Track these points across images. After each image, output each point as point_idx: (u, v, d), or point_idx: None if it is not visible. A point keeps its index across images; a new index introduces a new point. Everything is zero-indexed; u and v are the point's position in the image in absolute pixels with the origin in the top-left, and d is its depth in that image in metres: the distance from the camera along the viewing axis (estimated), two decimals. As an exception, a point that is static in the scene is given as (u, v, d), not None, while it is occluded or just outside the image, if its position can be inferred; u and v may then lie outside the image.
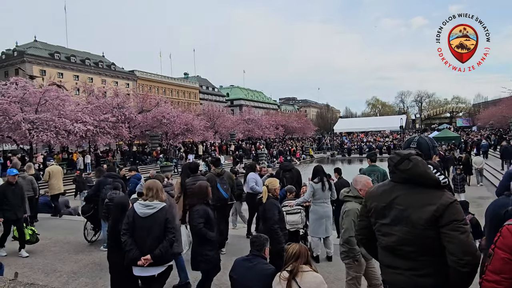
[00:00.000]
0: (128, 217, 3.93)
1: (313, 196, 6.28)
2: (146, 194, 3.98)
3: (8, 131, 21.61)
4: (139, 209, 3.88)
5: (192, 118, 33.87)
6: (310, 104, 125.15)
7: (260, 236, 3.68)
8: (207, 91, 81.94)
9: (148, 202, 3.89)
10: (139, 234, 3.85)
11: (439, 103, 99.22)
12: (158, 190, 4.02)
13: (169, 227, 3.92)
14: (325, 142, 53.49)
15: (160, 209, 3.88)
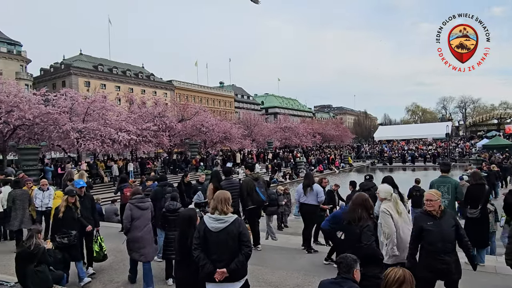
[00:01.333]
0: (199, 231, 3.74)
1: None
2: (214, 207, 3.78)
3: (58, 140, 22.49)
4: (210, 223, 3.69)
5: (230, 126, 33.98)
6: (346, 111, 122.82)
7: (347, 257, 3.30)
8: (242, 100, 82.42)
9: (218, 215, 3.70)
10: (212, 249, 3.67)
11: (485, 109, 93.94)
12: (226, 201, 3.81)
13: (244, 241, 3.71)
14: (364, 150, 51.85)
15: (233, 222, 3.68)
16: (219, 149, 35.01)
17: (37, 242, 5.22)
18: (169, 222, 6.10)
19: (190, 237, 3.92)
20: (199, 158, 30.37)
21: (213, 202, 3.83)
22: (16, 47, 47.52)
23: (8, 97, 19.73)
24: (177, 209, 6.16)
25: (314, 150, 48.51)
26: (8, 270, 6.76)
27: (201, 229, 3.72)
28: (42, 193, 8.81)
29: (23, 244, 5.30)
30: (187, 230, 4.07)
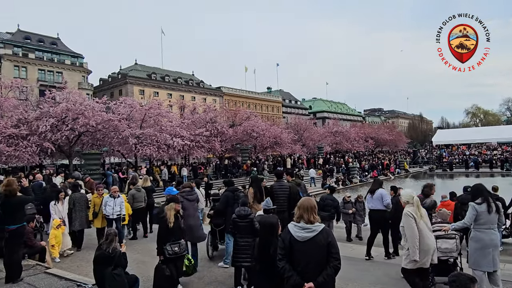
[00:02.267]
0: (284, 240, 3.51)
1: (476, 221, 5.12)
2: (300, 215, 3.51)
3: (117, 145, 23.50)
4: (296, 232, 3.46)
5: (280, 131, 33.70)
6: (398, 114, 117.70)
7: (461, 275, 3.04)
8: (290, 105, 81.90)
9: (305, 224, 3.46)
10: (297, 260, 3.44)
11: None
12: (313, 209, 3.55)
13: (333, 252, 3.42)
14: (421, 155, 49.08)
15: (321, 232, 3.43)
16: (269, 154, 34.73)
17: (114, 246, 5.29)
18: (240, 229, 5.91)
19: (273, 246, 3.75)
20: (249, 163, 30.34)
21: (298, 210, 3.57)
22: (79, 59, 50.86)
23: (74, 105, 20.93)
24: (248, 215, 5.96)
25: (367, 155, 46.74)
26: (82, 271, 6.91)
27: (286, 238, 3.49)
28: (114, 200, 8.75)
29: (101, 247, 5.36)
30: (269, 238, 3.92)
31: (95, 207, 8.83)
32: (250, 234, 5.79)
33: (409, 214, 4.87)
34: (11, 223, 5.85)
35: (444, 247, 5.35)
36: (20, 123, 21.08)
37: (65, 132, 20.65)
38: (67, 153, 22.77)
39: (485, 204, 5.08)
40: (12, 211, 5.86)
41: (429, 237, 4.84)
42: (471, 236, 5.29)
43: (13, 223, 5.86)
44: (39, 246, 7.32)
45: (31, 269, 6.37)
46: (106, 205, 8.64)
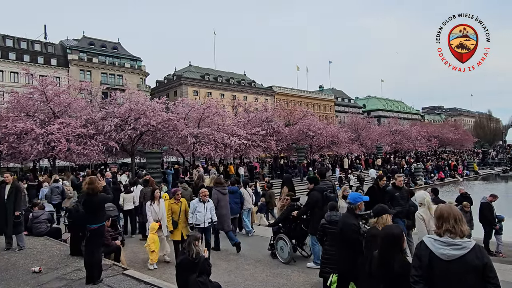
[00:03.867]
0: (421, 258, 2.83)
1: None
2: (441, 226, 2.81)
3: (176, 144, 23.83)
4: (438, 248, 2.75)
5: (337, 130, 32.47)
6: (461, 112, 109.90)
7: None
8: (343, 103, 79.57)
9: (451, 239, 2.73)
10: (438, 285, 2.75)
11: None
12: (461, 219, 2.83)
13: (491, 277, 2.67)
14: (491, 156, 45.05)
15: (473, 249, 2.70)
16: (325, 153, 33.57)
17: (197, 250, 4.88)
18: (330, 235, 5.34)
19: (397, 261, 3.21)
20: (306, 163, 29.49)
21: (438, 220, 2.87)
22: (137, 62, 53.13)
23: (136, 106, 21.47)
24: (338, 221, 5.28)
25: (430, 155, 43.77)
26: (161, 274, 6.64)
27: (425, 255, 2.81)
28: (203, 205, 7.31)
29: (183, 252, 4.97)
30: (392, 253, 3.30)
31: (173, 215, 7.32)
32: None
33: (419, 216, 5.55)
34: (93, 222, 5.71)
35: None
36: (88, 123, 22.06)
37: (128, 131, 21.22)
38: (129, 152, 23.46)
39: None
40: (94, 210, 5.72)
41: None
42: None
43: (94, 222, 5.72)
44: (114, 245, 7.22)
45: (109, 270, 6.19)
46: (195, 211, 7.29)
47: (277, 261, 7.36)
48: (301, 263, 7.24)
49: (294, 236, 7.60)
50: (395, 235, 3.35)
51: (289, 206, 7.80)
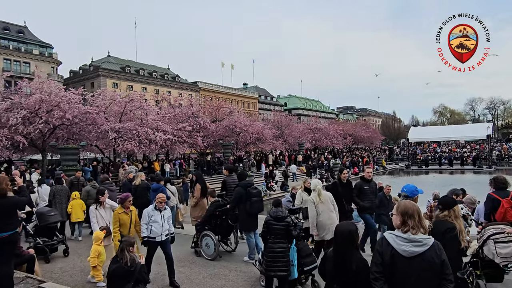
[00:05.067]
0: (382, 255, 2.78)
1: None
2: (403, 222, 2.80)
3: (95, 140, 22.16)
4: (400, 245, 2.73)
5: (262, 127, 33.21)
6: (370, 112, 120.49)
7: None
8: (266, 101, 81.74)
9: (412, 235, 2.72)
10: (400, 282, 2.72)
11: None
12: (420, 216, 2.82)
13: (447, 274, 2.71)
14: (396, 153, 50.19)
15: (432, 246, 2.72)
16: (251, 150, 34.17)
17: (132, 257, 4.46)
18: (275, 233, 5.29)
19: (354, 260, 3.07)
20: (232, 159, 29.71)
21: (399, 216, 2.85)
22: (48, 49, 48.12)
23: (49, 97, 19.47)
24: (285, 217, 5.37)
25: (345, 152, 47.22)
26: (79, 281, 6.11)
27: (386, 253, 2.77)
28: (160, 214, 6.03)
29: (117, 259, 4.49)
30: (349, 250, 3.15)
31: (122, 228, 5.99)
32: (286, 239, 5.29)
33: (311, 200, 6.40)
34: (2, 229, 4.66)
35: (506, 252, 4.83)
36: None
37: (39, 125, 19.16)
38: (40, 148, 21.21)
39: None
40: (4, 216, 4.70)
41: (327, 217, 6.30)
42: None
43: (5, 230, 4.68)
44: (27, 254, 6.17)
45: (22, 283, 5.25)
46: (150, 221, 5.95)
47: (215, 261, 7.20)
48: (234, 260, 7.25)
49: (220, 232, 7.63)
50: (350, 232, 3.22)
51: (214, 203, 7.80)
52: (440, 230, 3.81)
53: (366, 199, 7.45)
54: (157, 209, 6.01)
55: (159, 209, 6.02)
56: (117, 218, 6.00)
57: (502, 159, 41.61)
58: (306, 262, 5.51)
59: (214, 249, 7.26)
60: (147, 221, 5.95)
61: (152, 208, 6.05)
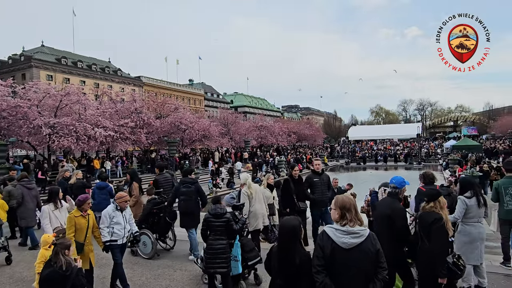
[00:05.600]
0: (324, 248, 2.89)
1: (465, 214, 5.17)
2: (341, 216, 2.95)
3: (27, 136, 20.56)
4: (340, 237, 2.86)
5: (208, 124, 32.99)
6: (313, 112, 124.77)
7: None
8: (212, 98, 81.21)
9: (351, 228, 2.89)
10: (339, 272, 2.86)
11: (442, 112, 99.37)
12: (356, 209, 3.00)
13: (382, 262, 2.91)
14: (337, 150, 52.64)
15: (368, 237, 2.89)
16: (197, 147, 33.83)
17: (68, 260, 4.06)
18: (214, 230, 5.29)
19: (297, 254, 3.10)
20: (177, 157, 29.22)
21: (337, 210, 2.98)
22: (-31, 35, 43.49)
23: (-28, 88, 17.72)
24: (224, 214, 5.37)
25: (290, 149, 48.53)
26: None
27: (327, 246, 2.88)
28: (121, 214, 5.63)
29: (50, 264, 4.07)
30: (293, 245, 3.16)
31: (77, 233, 5.26)
32: (226, 236, 5.31)
33: (244, 193, 6.77)
34: None
35: None
36: None
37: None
38: (-39, 144, 19.20)
39: (475, 198, 5.15)
40: None
41: (259, 208, 6.77)
42: (458, 230, 5.26)
43: None
44: None
45: None
46: (111, 223, 5.47)
47: (158, 261, 7.06)
48: (179, 259, 7.18)
49: (157, 230, 7.57)
50: (293, 227, 3.22)
51: (151, 200, 7.72)
52: (427, 221, 4.01)
53: (317, 192, 7.39)
54: (118, 209, 5.56)
55: (120, 209, 5.57)
56: (72, 222, 5.24)
57: (430, 156, 45.46)
58: (250, 256, 5.61)
59: (152, 248, 7.18)
60: (108, 224, 5.43)
61: (113, 208, 5.55)
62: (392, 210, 4.26)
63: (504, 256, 6.41)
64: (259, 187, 7.23)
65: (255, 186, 7.07)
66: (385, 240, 4.07)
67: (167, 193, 8.10)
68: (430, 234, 3.97)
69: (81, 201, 5.37)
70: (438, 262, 3.89)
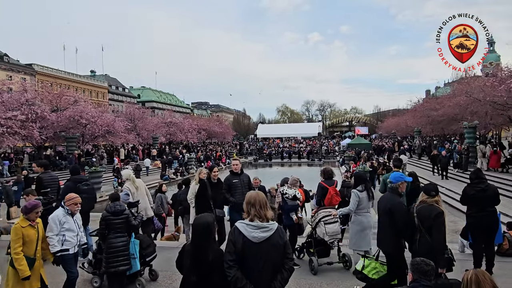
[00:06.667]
0: (235, 243, 3.00)
1: (358, 206, 5.87)
2: (247, 211, 3.09)
3: None
4: (250, 232, 2.99)
5: (113, 119, 31.13)
6: (223, 109, 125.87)
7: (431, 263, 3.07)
8: (117, 92, 76.44)
9: (261, 223, 3.03)
10: (250, 266, 3.00)
11: (340, 112, 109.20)
12: (266, 204, 3.14)
13: (289, 253, 3.11)
14: (245, 147, 54.20)
15: (277, 230, 3.05)
16: (100, 143, 31.63)
17: None
18: (115, 227, 5.26)
19: (211, 251, 3.14)
20: (77, 154, 27.06)
21: (248, 205, 3.12)
22: None
23: None
24: (123, 211, 5.37)
25: (200, 146, 48.41)
26: None
27: (238, 241, 2.99)
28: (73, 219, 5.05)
29: None
30: (206, 242, 3.18)
31: (26, 246, 4.42)
32: (126, 232, 5.34)
33: (126, 189, 7.00)
34: None
35: (332, 231, 5.89)
36: None
37: None
38: None
39: (365, 191, 5.91)
40: None
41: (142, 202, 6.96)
42: (352, 220, 5.95)
43: None
44: None
45: None
46: (62, 230, 4.84)
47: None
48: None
49: None
50: (207, 224, 3.23)
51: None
52: (430, 215, 4.24)
53: (238, 193, 6.95)
54: (69, 213, 4.95)
55: (71, 213, 4.97)
56: (20, 234, 4.37)
57: (329, 153, 49.72)
58: (148, 253, 5.70)
59: None
60: (58, 231, 4.77)
61: (64, 213, 4.89)
62: (392, 204, 4.58)
63: None
64: (143, 182, 7.60)
65: (139, 182, 7.35)
66: (388, 233, 4.60)
67: (54, 193, 7.58)
68: (431, 227, 4.21)
69: (28, 209, 4.55)
70: (439, 253, 4.16)
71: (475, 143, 20.62)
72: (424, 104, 39.16)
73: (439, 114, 29.01)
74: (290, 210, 6.70)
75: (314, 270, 5.91)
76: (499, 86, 17.45)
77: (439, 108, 29.22)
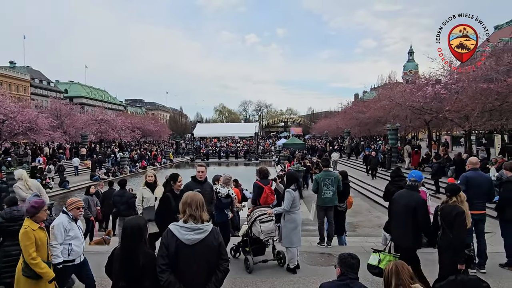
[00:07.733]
0: (168, 247, 2.90)
1: (291, 204, 6.05)
2: (183, 211, 3.02)
3: None
4: (184, 234, 2.91)
5: (36, 115, 28.71)
6: (159, 107, 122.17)
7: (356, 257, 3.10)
8: (41, 85, 70.37)
9: (195, 224, 2.96)
10: (183, 269, 2.91)
11: (276, 113, 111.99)
12: (203, 206, 3.08)
13: (224, 254, 3.09)
14: (182, 147, 53.33)
15: (211, 232, 3.01)
16: (21, 141, 28.94)
17: None
18: (10, 234, 4.60)
19: (141, 255, 3.03)
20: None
21: (183, 205, 3.04)
22: None
23: None
24: (22, 216, 4.61)
25: (134, 145, 46.55)
26: None
27: (171, 244, 2.90)
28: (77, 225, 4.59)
29: None
30: (136, 246, 3.06)
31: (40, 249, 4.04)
32: None
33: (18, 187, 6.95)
34: None
35: (268, 229, 6.02)
36: None
37: None
38: None
39: (297, 190, 6.13)
40: None
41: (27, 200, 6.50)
42: (286, 219, 6.09)
43: None
44: None
45: None
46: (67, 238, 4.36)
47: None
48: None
49: None
50: (139, 226, 3.15)
51: None
52: (451, 214, 4.50)
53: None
54: (73, 219, 4.47)
55: (75, 219, 4.49)
56: (32, 237, 3.96)
57: (265, 153, 50.80)
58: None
59: None
60: (63, 239, 4.28)
61: (68, 219, 4.39)
62: (417, 202, 4.87)
63: (320, 237, 7.91)
64: (37, 182, 7.67)
65: (31, 182, 7.33)
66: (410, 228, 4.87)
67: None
68: (453, 225, 4.46)
69: (36, 208, 4.09)
70: (459, 250, 4.40)
71: (397, 144, 22.77)
72: (353, 107, 42.03)
73: (366, 117, 31.29)
74: (224, 207, 6.83)
75: (249, 269, 6.02)
76: (416, 92, 19.57)
77: (366, 111, 31.52)
